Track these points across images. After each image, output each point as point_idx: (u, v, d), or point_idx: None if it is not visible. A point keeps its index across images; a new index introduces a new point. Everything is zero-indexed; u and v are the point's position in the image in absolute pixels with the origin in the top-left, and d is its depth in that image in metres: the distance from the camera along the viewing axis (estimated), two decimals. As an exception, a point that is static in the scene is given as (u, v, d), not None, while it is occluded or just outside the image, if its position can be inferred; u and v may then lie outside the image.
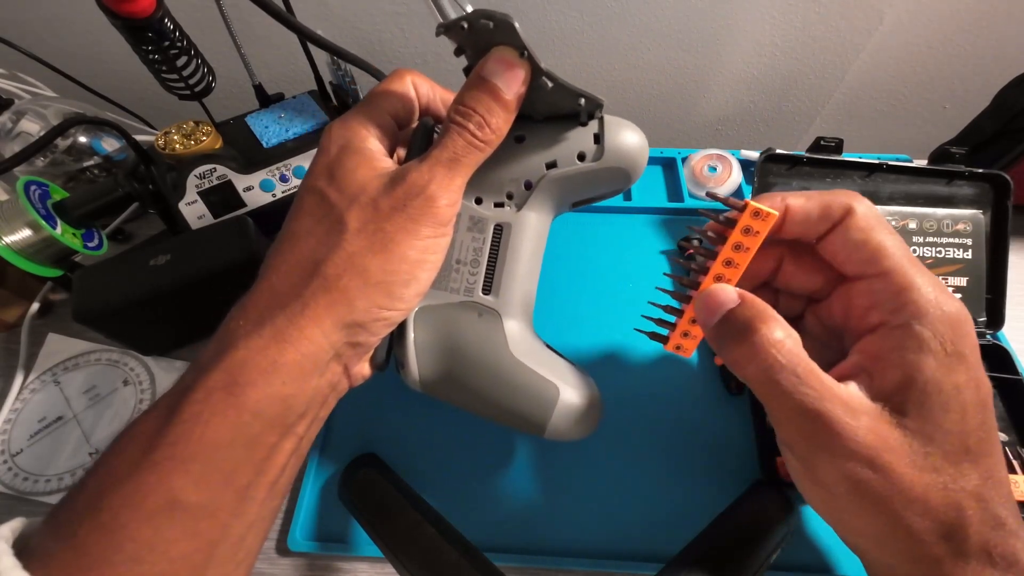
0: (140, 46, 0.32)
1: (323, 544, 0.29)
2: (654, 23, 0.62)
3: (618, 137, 0.24)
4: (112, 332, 0.34)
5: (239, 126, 0.43)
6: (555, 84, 0.22)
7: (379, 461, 0.30)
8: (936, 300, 0.19)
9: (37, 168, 0.41)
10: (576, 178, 0.25)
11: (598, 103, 0.23)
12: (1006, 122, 0.40)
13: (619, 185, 0.26)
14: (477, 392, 0.25)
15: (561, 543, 0.29)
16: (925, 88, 0.71)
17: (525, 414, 0.25)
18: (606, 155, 0.24)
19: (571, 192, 0.26)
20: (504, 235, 0.25)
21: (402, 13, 0.60)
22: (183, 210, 0.38)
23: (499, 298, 0.25)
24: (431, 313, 0.25)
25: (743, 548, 0.24)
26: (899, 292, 0.19)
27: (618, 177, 0.25)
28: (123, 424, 0.35)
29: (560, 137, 0.24)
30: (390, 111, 0.23)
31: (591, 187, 0.26)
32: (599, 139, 0.24)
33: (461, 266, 0.25)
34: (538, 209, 0.25)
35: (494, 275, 0.25)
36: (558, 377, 0.25)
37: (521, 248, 0.25)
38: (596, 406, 0.26)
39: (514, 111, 0.21)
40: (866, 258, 0.20)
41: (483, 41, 0.21)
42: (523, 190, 0.25)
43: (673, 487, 0.31)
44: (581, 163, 0.24)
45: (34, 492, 0.32)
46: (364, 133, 0.21)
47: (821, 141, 0.37)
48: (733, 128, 0.77)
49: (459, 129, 0.20)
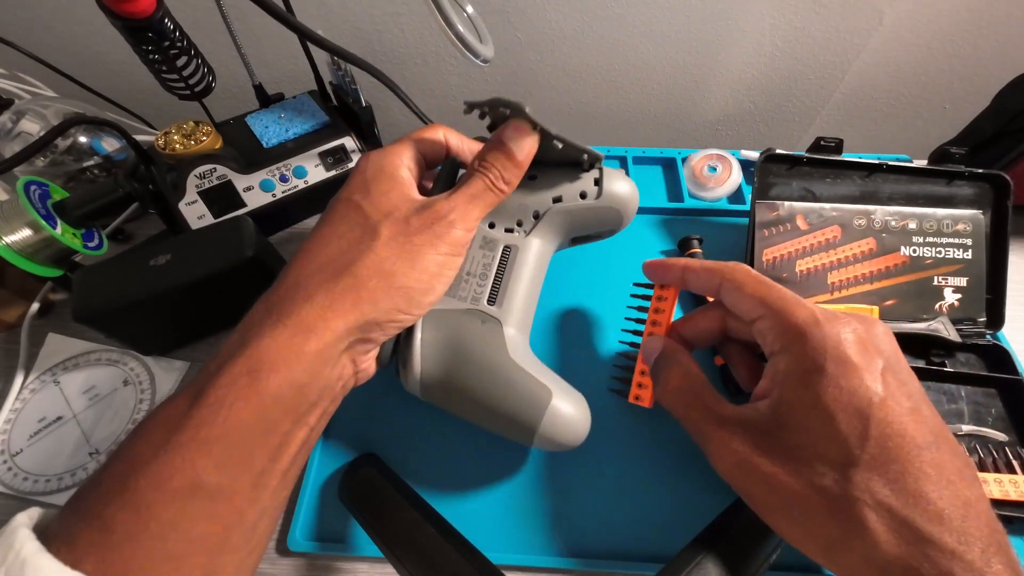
0: (140, 46, 0.32)
1: (323, 544, 0.29)
2: (654, 23, 0.62)
3: (614, 184, 0.29)
4: (112, 332, 0.34)
5: (239, 126, 0.43)
6: (564, 144, 0.26)
7: (379, 461, 0.30)
8: (801, 324, 0.21)
9: (37, 168, 0.41)
10: (577, 212, 0.29)
11: (598, 156, 0.28)
12: (1006, 122, 0.40)
13: (612, 225, 0.31)
14: (473, 391, 0.26)
15: (561, 543, 0.29)
16: (925, 88, 0.71)
17: (517, 415, 0.26)
18: (603, 196, 0.29)
19: (572, 225, 0.30)
20: (512, 255, 0.29)
21: (402, 13, 0.60)
22: (183, 210, 0.38)
23: (501, 308, 0.28)
24: (439, 316, 0.27)
25: (743, 549, 0.24)
26: (772, 328, 0.23)
27: (612, 216, 0.30)
28: (123, 424, 0.35)
29: (566, 179, 0.29)
30: (422, 150, 0.27)
31: (589, 223, 0.30)
32: (599, 183, 0.29)
33: (471, 278, 0.28)
34: (542, 237, 0.30)
35: (499, 289, 0.28)
36: (551, 383, 0.27)
37: (525, 268, 0.29)
38: (585, 417, 0.28)
39: (524, 168, 0.26)
40: (747, 308, 0.24)
41: (502, 116, 0.25)
42: (532, 219, 0.29)
43: (672, 487, 0.31)
44: (583, 200, 0.29)
45: (34, 492, 0.32)
46: (398, 162, 0.25)
47: (821, 141, 0.37)
48: (733, 128, 0.77)
49: (481, 176, 0.25)
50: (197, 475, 0.18)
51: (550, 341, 0.37)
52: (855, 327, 0.21)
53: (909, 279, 0.36)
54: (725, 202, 0.44)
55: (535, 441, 0.27)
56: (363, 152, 0.44)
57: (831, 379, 0.20)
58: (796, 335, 0.21)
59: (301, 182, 0.41)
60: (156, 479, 0.17)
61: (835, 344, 0.21)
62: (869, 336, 0.21)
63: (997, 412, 0.33)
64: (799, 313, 0.22)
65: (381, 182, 0.24)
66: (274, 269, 0.36)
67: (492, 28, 0.35)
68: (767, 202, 0.38)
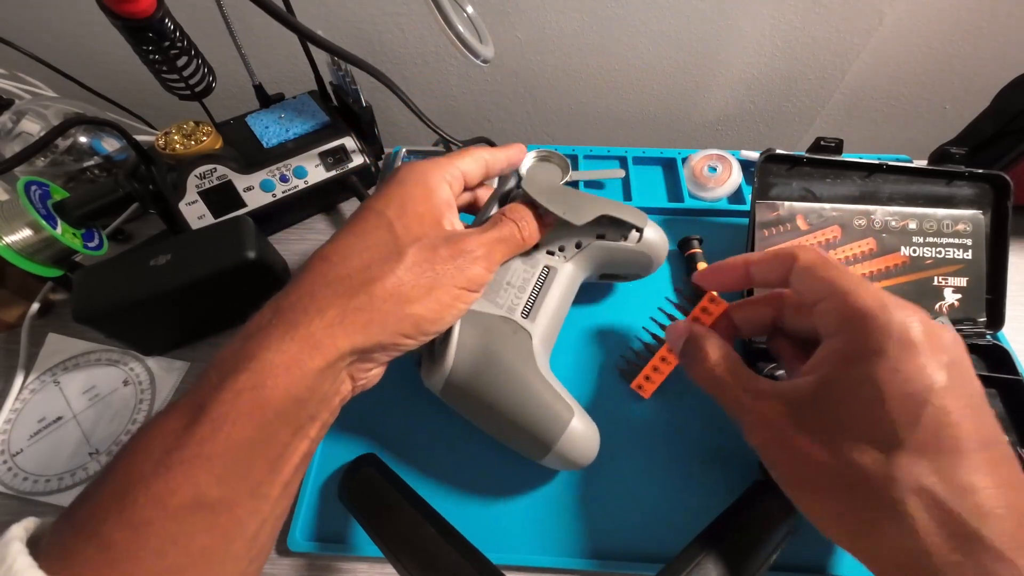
0: (140, 46, 0.32)
1: (323, 544, 0.29)
2: (654, 24, 0.62)
3: (652, 233, 0.33)
4: (112, 332, 0.34)
5: (239, 126, 0.43)
6: (612, 219, 0.31)
7: (379, 461, 0.30)
8: (866, 307, 0.21)
9: (37, 168, 0.41)
10: (615, 251, 0.32)
11: (647, 222, 0.32)
12: (1006, 122, 0.40)
13: (641, 269, 0.34)
14: (498, 398, 0.27)
15: (561, 543, 0.29)
16: (925, 88, 0.71)
17: (537, 429, 0.27)
18: (641, 243, 0.32)
19: (607, 261, 0.33)
20: (549, 276, 0.31)
21: (402, 13, 0.60)
22: (183, 210, 0.38)
23: (533, 323, 0.30)
24: (476, 317, 0.29)
25: (743, 549, 0.24)
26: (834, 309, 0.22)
27: (644, 261, 0.33)
28: (123, 424, 0.35)
29: (613, 223, 0.32)
30: (463, 168, 0.27)
31: (622, 263, 0.33)
32: (639, 231, 0.32)
33: (510, 288, 0.30)
34: (578, 265, 0.32)
35: (533, 303, 0.30)
36: (572, 403, 0.28)
37: (559, 289, 0.31)
38: (596, 442, 0.28)
39: (544, 228, 0.30)
40: (815, 288, 0.23)
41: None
42: (574, 248, 0.32)
43: (673, 487, 0.31)
44: (623, 242, 0.32)
45: (34, 492, 0.32)
46: (439, 177, 0.25)
47: (821, 141, 0.37)
48: (733, 128, 0.77)
49: (509, 223, 0.27)
50: (199, 490, 0.17)
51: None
52: (924, 319, 0.20)
53: (909, 279, 0.36)
54: (725, 202, 0.44)
55: (547, 457, 0.27)
56: (363, 152, 0.44)
57: (889, 361, 0.19)
58: (860, 317, 0.20)
59: (301, 182, 0.41)
60: (156, 496, 0.17)
61: (902, 329, 0.19)
62: (939, 331, 0.20)
63: (997, 412, 0.33)
64: (866, 296, 0.21)
65: (418, 203, 0.24)
66: (274, 269, 0.36)
67: (492, 28, 0.35)
68: (767, 202, 0.38)
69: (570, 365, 0.36)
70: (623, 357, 0.35)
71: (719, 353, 0.25)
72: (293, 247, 0.43)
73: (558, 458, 0.27)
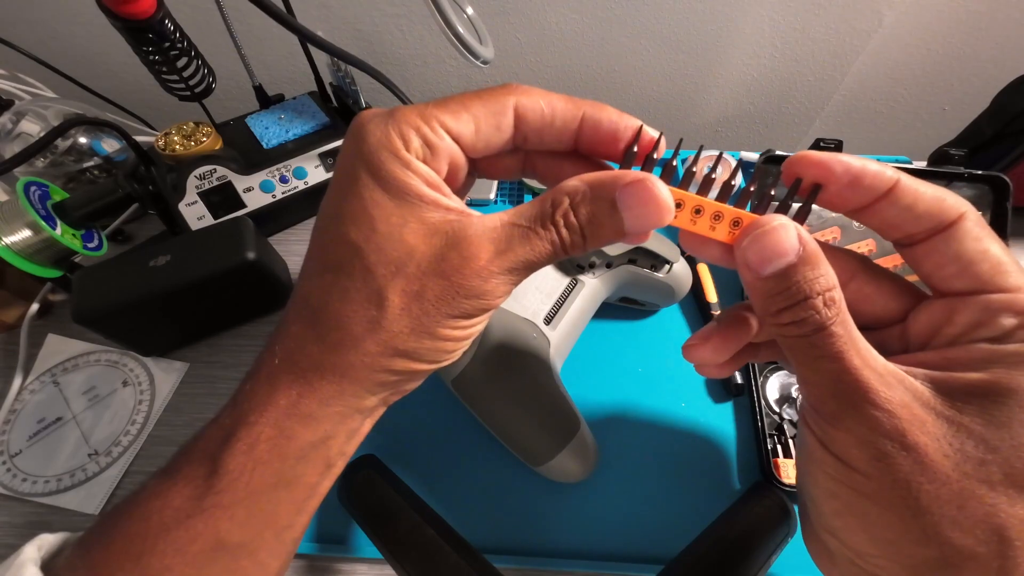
0: (140, 47, 0.32)
1: (323, 545, 0.29)
2: (654, 25, 0.62)
3: (680, 269, 0.34)
4: (112, 333, 0.34)
5: (239, 127, 0.43)
6: (647, 251, 0.32)
7: (379, 463, 0.30)
8: None
9: (37, 169, 0.41)
10: (641, 276, 0.33)
11: (678, 258, 0.33)
12: (1005, 124, 0.40)
13: (662, 300, 0.35)
14: (512, 396, 0.28)
15: (560, 545, 0.29)
16: (924, 90, 0.71)
17: (544, 432, 0.27)
18: (668, 275, 0.33)
19: (632, 285, 0.34)
20: (576, 288, 0.32)
21: (402, 14, 0.60)
22: (183, 211, 0.38)
23: (554, 331, 0.30)
24: (502, 315, 0.30)
25: (741, 551, 0.24)
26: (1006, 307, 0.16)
27: (667, 292, 0.34)
28: (123, 425, 0.35)
29: (647, 253, 0.33)
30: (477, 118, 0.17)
31: (645, 290, 0.34)
32: (669, 264, 0.33)
33: (538, 292, 0.31)
34: (604, 282, 0.33)
35: (556, 312, 0.31)
36: (579, 416, 0.28)
37: (583, 302, 0.32)
38: (594, 460, 0.29)
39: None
40: (981, 273, 0.17)
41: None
42: (604, 266, 0.33)
43: (672, 489, 0.31)
44: (651, 271, 0.33)
45: (33, 493, 0.32)
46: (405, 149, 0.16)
47: (821, 142, 0.37)
48: (733, 129, 0.77)
49: (553, 234, 0.17)
50: (219, 536, 0.17)
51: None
52: None
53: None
54: (725, 203, 0.44)
55: (548, 465, 0.27)
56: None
57: None
58: None
59: (301, 183, 0.41)
60: (176, 544, 0.17)
61: None
62: None
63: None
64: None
65: (388, 209, 0.16)
66: (274, 270, 0.36)
67: (492, 29, 0.35)
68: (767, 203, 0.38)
69: (575, 373, 0.36)
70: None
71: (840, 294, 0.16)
72: (293, 248, 0.43)
73: (560, 465, 0.27)
